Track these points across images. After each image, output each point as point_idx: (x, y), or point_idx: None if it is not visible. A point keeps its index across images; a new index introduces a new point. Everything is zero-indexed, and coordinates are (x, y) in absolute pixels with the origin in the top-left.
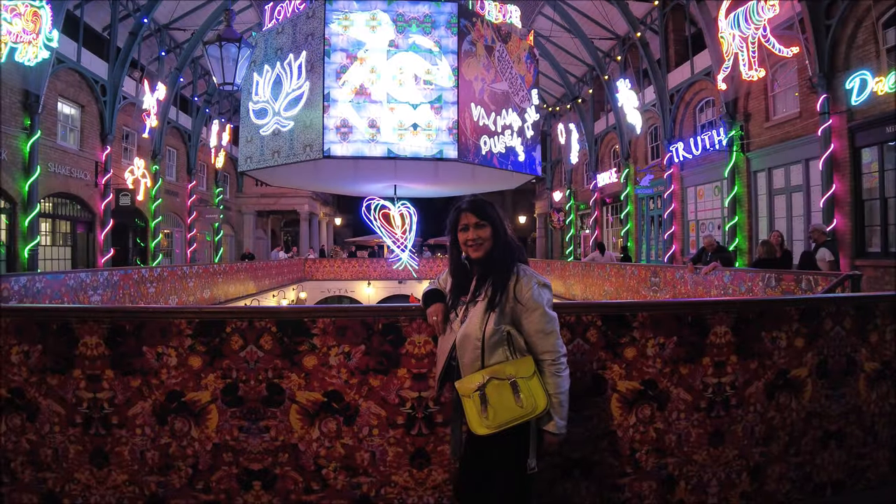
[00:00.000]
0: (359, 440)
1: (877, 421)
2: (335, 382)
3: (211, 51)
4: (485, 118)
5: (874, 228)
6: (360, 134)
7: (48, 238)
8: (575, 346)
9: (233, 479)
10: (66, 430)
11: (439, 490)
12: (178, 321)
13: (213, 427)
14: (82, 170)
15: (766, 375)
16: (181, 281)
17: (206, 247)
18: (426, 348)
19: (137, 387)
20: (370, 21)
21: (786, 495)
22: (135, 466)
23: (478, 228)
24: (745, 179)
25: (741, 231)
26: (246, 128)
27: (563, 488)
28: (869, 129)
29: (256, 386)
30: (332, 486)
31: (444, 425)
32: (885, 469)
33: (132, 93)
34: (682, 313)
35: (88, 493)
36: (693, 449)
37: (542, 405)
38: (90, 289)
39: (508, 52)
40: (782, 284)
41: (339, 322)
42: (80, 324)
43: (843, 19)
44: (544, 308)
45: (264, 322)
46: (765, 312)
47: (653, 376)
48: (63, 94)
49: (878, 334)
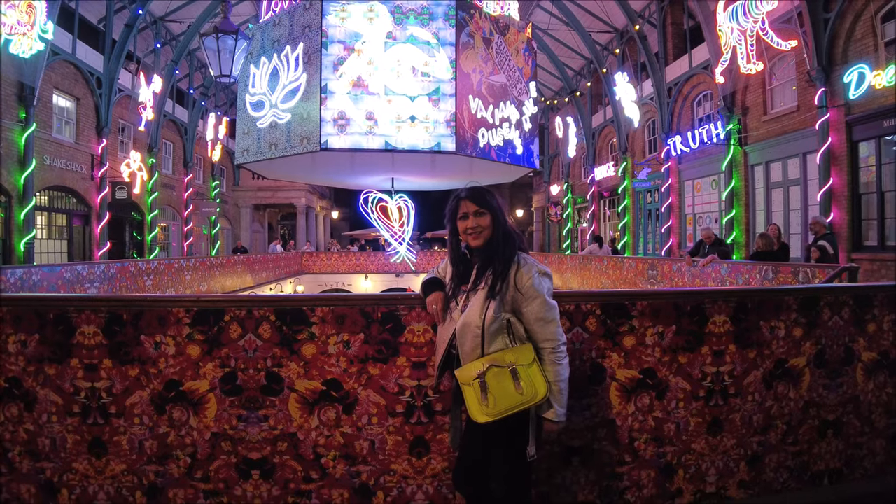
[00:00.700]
0: (358, 429)
1: (874, 410)
2: (334, 371)
3: (208, 43)
4: (483, 111)
5: (871, 222)
6: (357, 126)
7: (44, 231)
8: (574, 335)
9: (231, 469)
10: (64, 419)
11: (438, 478)
12: (176, 310)
13: (212, 416)
14: (78, 163)
15: (765, 365)
16: (178, 274)
17: (203, 240)
18: (425, 337)
19: (135, 376)
20: (368, 13)
21: (783, 484)
22: (133, 456)
23: (477, 217)
24: (742, 173)
25: (738, 224)
26: (243, 120)
27: (563, 476)
28: (866, 123)
29: (255, 375)
30: (332, 474)
31: (443, 414)
32: (882, 458)
33: (128, 85)
34: (680, 302)
35: (87, 483)
36: (691, 438)
37: (542, 392)
38: (87, 281)
39: (506, 44)
40: (779, 277)
41: (338, 311)
42: (77, 313)
43: (842, 13)
44: (544, 296)
45: (263, 311)
46: (763, 302)
47: (652, 365)
48: (58, 87)
49: (876, 325)
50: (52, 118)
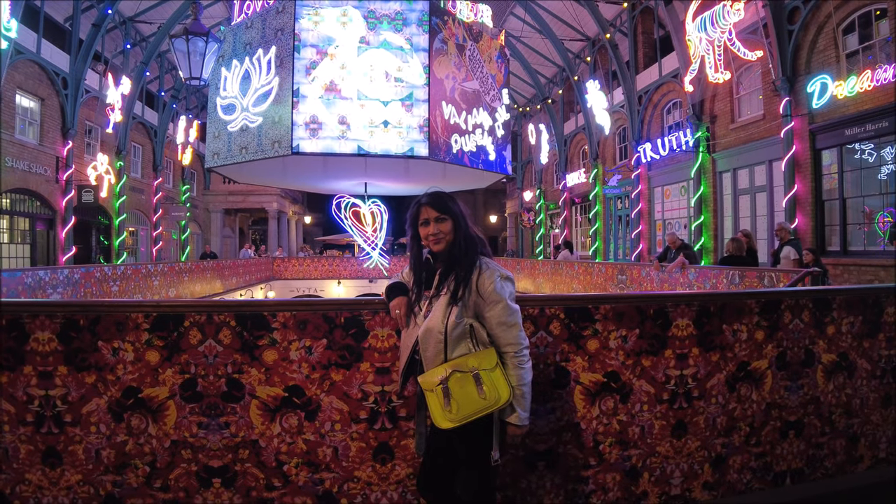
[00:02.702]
0: (321, 435)
1: (834, 411)
2: (296, 377)
3: (177, 44)
4: (456, 116)
5: (834, 228)
6: (329, 130)
7: (6, 236)
8: (538, 339)
9: (192, 477)
10: (17, 429)
11: (403, 485)
12: (135, 315)
13: (172, 423)
14: (42, 165)
15: (728, 367)
16: (145, 279)
17: (173, 245)
18: (389, 342)
19: (92, 383)
20: (341, 17)
21: (747, 485)
22: (89, 466)
23: (438, 223)
24: (710, 179)
25: (707, 230)
26: (213, 123)
27: (528, 481)
28: (829, 132)
29: (216, 381)
30: (294, 482)
31: (407, 419)
32: (842, 458)
33: (95, 86)
34: (643, 306)
35: (41, 495)
36: (656, 441)
37: (504, 397)
38: (49, 287)
39: (480, 51)
40: (745, 281)
41: (300, 316)
42: (31, 318)
43: (805, 25)
44: (506, 301)
45: (223, 316)
46: (726, 305)
47: (616, 368)
48: (22, 87)
49: (835, 327)
50: (14, 119)
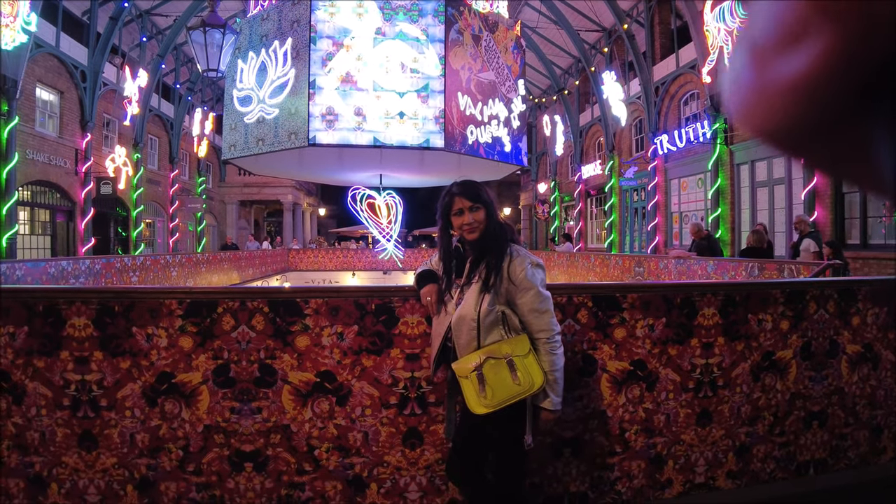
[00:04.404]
0: (351, 420)
1: (858, 402)
2: (328, 363)
3: (195, 37)
4: (471, 107)
5: (853, 221)
6: (345, 122)
7: (27, 227)
8: (566, 327)
9: (224, 461)
10: (54, 413)
11: (431, 470)
12: (168, 301)
13: (205, 408)
14: (62, 157)
15: (753, 357)
16: (164, 270)
17: (189, 237)
18: (419, 329)
19: (127, 368)
20: (357, 8)
21: (770, 474)
22: (124, 449)
23: (473, 212)
24: (728, 172)
25: (724, 223)
26: (230, 115)
27: (554, 468)
28: None
29: (248, 367)
30: (325, 466)
31: (436, 405)
32: (865, 449)
33: (113, 79)
34: (670, 295)
35: (77, 477)
36: (681, 429)
37: (538, 382)
38: (71, 277)
39: (495, 41)
40: (765, 273)
41: (332, 302)
42: (67, 305)
43: None
44: (538, 288)
45: (256, 302)
46: (751, 295)
47: (642, 357)
48: (41, 80)
49: (860, 318)
50: (34, 112)
